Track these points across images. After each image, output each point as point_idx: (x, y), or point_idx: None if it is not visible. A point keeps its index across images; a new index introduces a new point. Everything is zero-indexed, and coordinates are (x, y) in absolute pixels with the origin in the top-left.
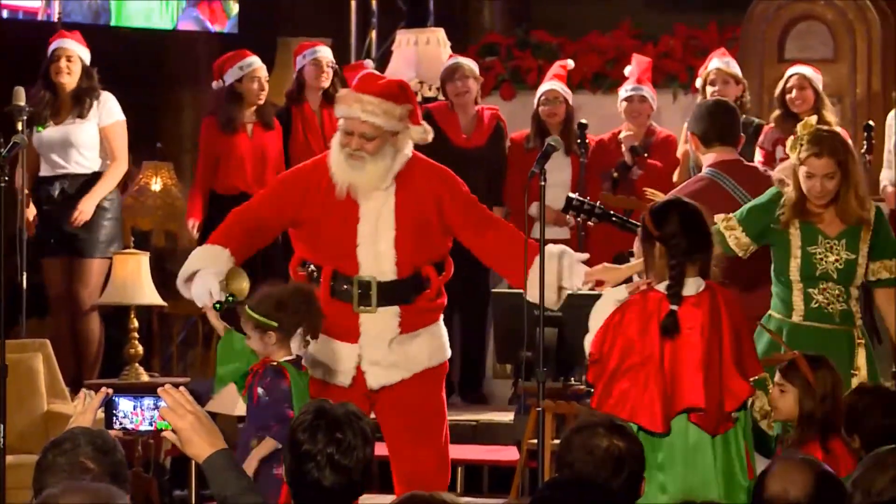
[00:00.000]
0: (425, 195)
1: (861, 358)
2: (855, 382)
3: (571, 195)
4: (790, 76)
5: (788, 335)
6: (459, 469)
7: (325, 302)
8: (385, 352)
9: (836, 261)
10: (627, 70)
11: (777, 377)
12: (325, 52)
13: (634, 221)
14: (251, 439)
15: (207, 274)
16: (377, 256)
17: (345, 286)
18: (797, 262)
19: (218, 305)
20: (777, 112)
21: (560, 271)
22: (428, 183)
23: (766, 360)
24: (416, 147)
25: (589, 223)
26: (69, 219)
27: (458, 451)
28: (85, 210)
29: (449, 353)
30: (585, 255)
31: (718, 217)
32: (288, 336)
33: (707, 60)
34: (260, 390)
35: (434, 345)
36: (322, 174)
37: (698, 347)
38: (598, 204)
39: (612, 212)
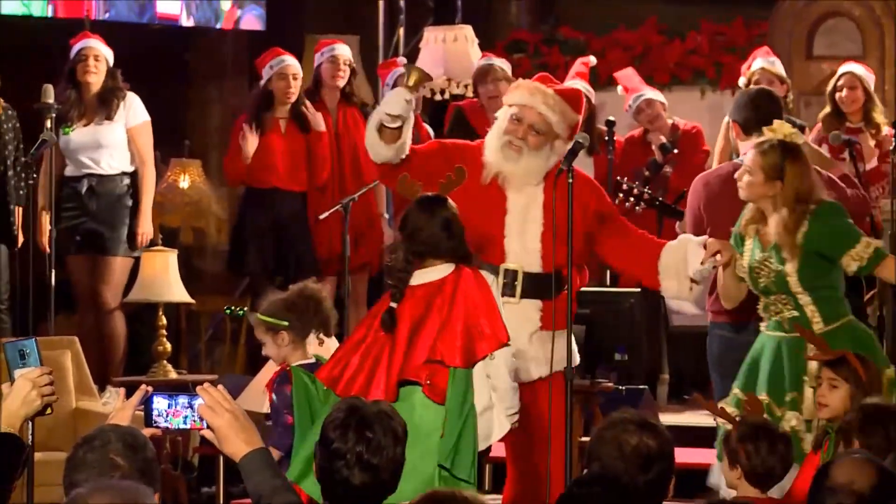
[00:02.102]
0: (574, 200)
1: (814, 365)
2: (807, 391)
3: (620, 179)
4: (842, 74)
5: (758, 347)
6: (487, 466)
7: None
8: (526, 345)
9: (769, 273)
10: (619, 89)
11: (827, 373)
12: (343, 50)
13: (680, 209)
14: None
15: (399, 89)
16: (524, 249)
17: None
18: (746, 275)
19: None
20: (826, 110)
21: (685, 261)
22: (578, 190)
23: (814, 355)
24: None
25: (636, 209)
26: (98, 218)
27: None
28: (146, 230)
29: (578, 359)
30: (704, 238)
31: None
32: (301, 337)
33: (750, 60)
34: (274, 396)
35: (567, 348)
36: (477, 156)
37: None
38: (646, 189)
39: (659, 198)
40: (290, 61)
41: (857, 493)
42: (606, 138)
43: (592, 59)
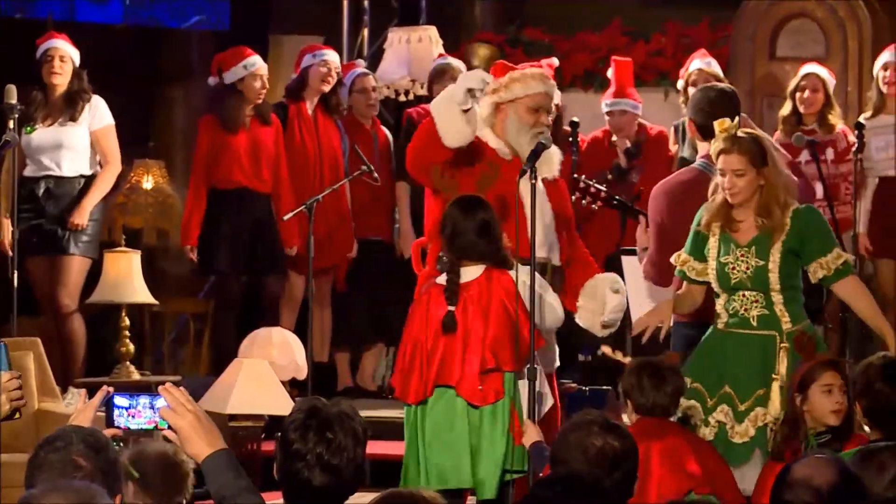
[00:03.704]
0: (561, 196)
1: (783, 364)
2: (775, 388)
3: (577, 177)
4: (806, 75)
5: (714, 341)
6: None
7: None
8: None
9: (747, 268)
10: (609, 72)
11: (833, 378)
12: (334, 57)
13: (639, 208)
14: None
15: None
16: (547, 242)
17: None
18: (713, 273)
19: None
20: (786, 110)
21: (603, 303)
22: (561, 189)
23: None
24: (402, 149)
25: (592, 207)
26: (54, 219)
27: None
28: (81, 217)
29: (558, 362)
30: (619, 284)
31: (672, 260)
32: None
33: (688, 61)
34: None
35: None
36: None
37: None
38: (603, 187)
39: (616, 196)
40: (261, 62)
41: (817, 489)
42: (571, 139)
43: (555, 61)
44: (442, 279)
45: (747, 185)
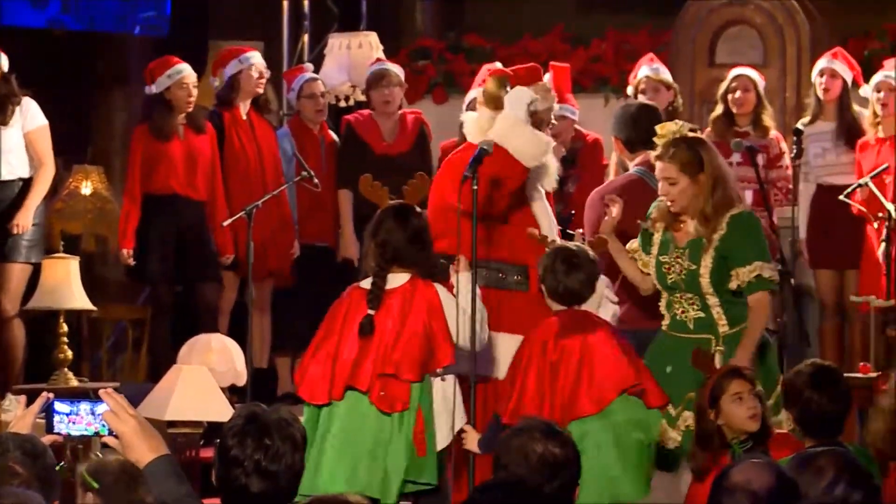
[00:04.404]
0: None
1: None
2: None
3: None
4: (735, 77)
5: (658, 344)
6: None
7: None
8: None
9: (681, 271)
10: (547, 78)
11: (741, 385)
12: (259, 59)
13: (571, 231)
14: None
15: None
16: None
17: (517, 276)
18: (653, 270)
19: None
20: (717, 112)
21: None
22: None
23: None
24: (343, 157)
25: None
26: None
27: None
28: (23, 222)
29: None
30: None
31: (628, 247)
32: None
33: (636, 68)
34: None
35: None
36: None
37: None
38: None
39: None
40: (189, 70)
41: (754, 493)
42: None
43: (499, 66)
44: (366, 283)
45: (680, 193)
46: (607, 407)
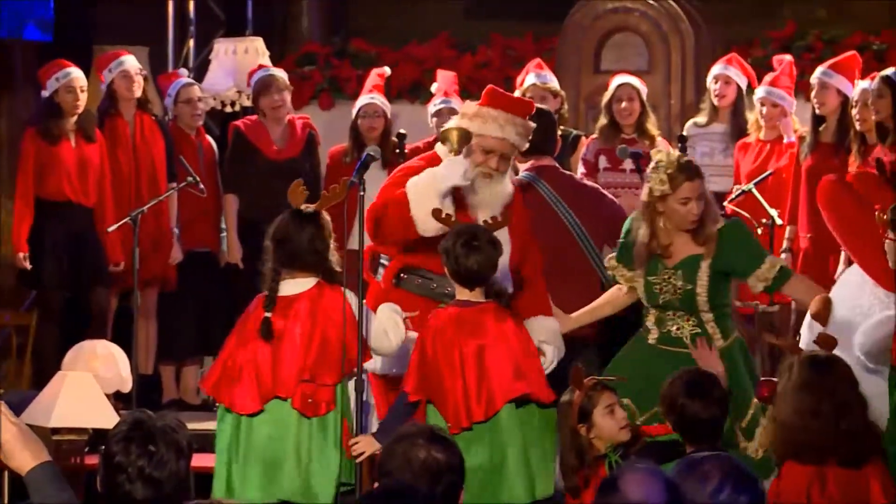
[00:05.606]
0: (520, 220)
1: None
2: None
3: None
4: (619, 86)
5: (644, 355)
6: None
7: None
8: None
9: (675, 291)
10: (434, 87)
11: (611, 397)
12: (131, 62)
13: None
14: None
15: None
16: (501, 272)
17: (448, 289)
18: (642, 290)
19: None
20: (603, 121)
21: None
22: (520, 212)
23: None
24: (232, 163)
25: None
26: None
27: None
28: None
29: None
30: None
31: (605, 263)
32: None
33: (523, 75)
34: None
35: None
36: None
37: None
38: None
39: None
40: (77, 73)
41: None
42: (398, 151)
43: (387, 70)
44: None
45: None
46: (495, 415)
